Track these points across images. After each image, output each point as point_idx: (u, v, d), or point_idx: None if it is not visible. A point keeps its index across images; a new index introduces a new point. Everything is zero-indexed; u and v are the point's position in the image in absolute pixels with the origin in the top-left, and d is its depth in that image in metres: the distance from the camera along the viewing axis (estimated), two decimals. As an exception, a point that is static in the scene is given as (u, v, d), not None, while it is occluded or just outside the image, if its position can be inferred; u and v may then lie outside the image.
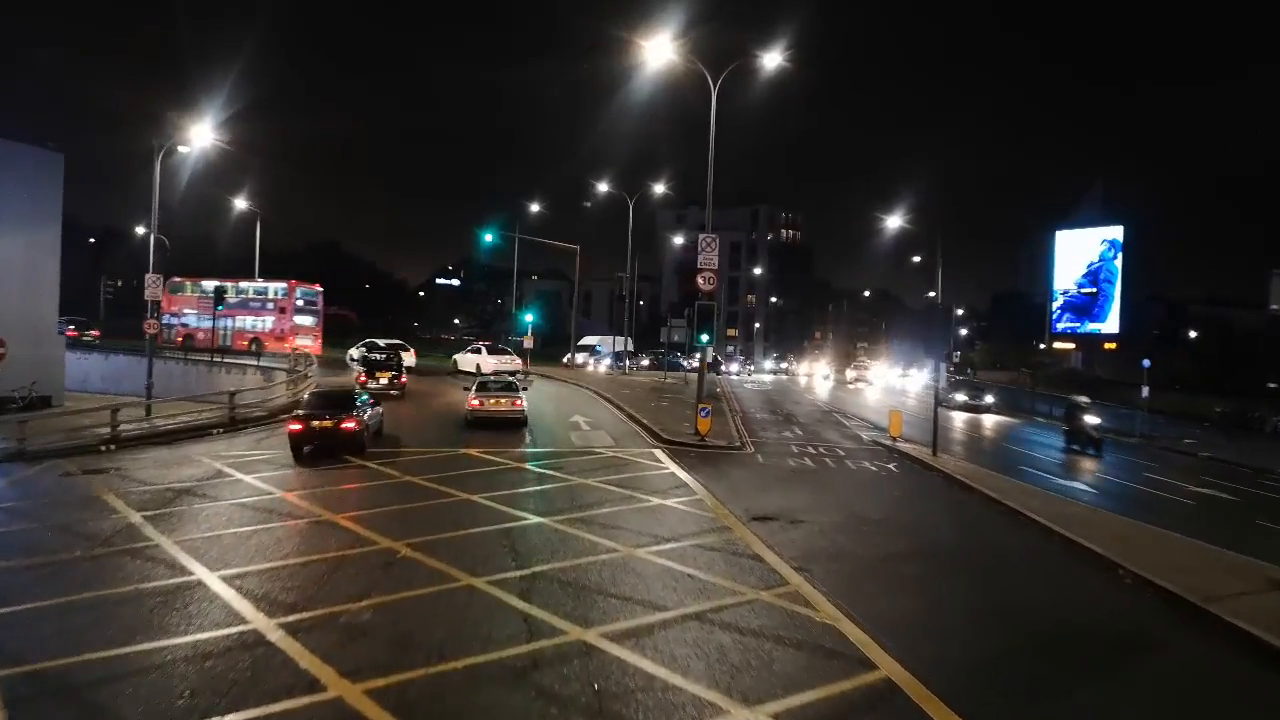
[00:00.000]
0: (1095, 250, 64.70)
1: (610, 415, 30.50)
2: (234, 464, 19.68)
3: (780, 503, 16.79)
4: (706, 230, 24.46)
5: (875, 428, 31.96)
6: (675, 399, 36.81)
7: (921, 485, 20.11)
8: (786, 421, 32.14)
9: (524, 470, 19.30)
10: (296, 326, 48.03)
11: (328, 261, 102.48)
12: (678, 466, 19.88)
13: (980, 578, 12.74)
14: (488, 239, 51.60)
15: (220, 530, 13.77)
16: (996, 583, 12.45)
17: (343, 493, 16.76)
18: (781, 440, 26.24)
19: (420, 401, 35.02)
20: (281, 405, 29.47)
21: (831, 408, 40.16)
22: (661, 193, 51.06)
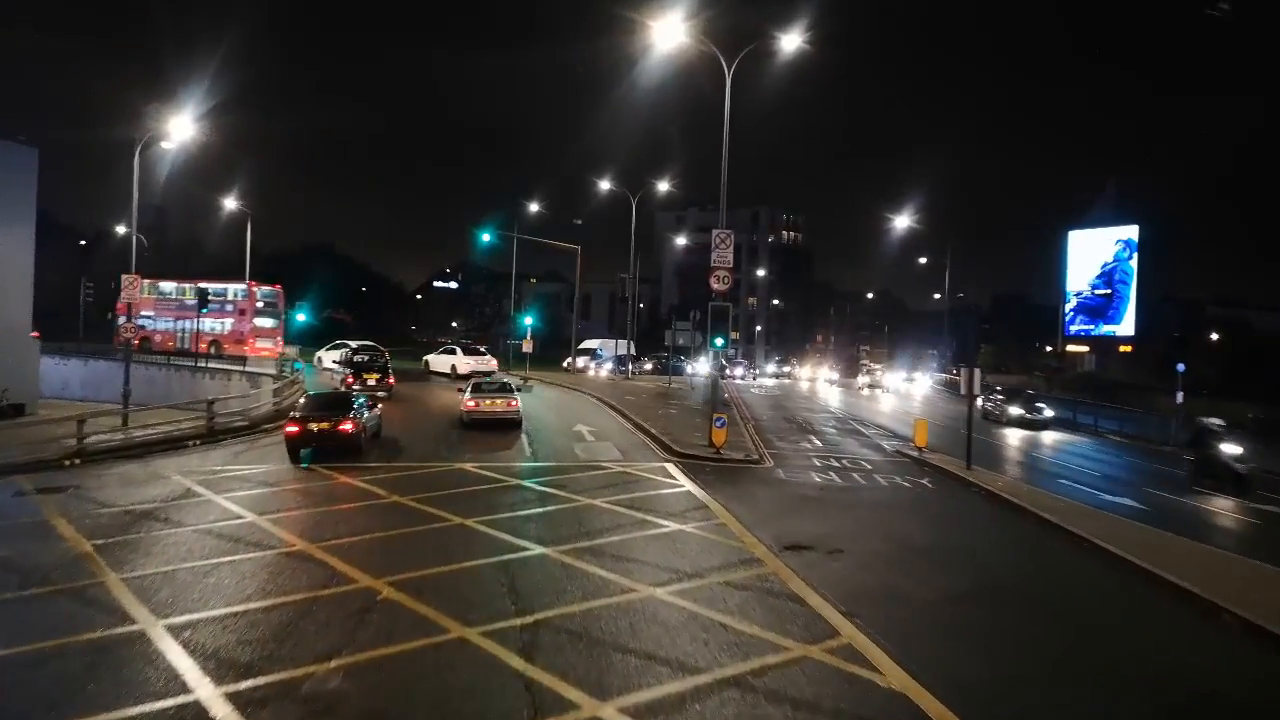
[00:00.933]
0: (1109, 250, 62.98)
1: (616, 424, 28.71)
2: (206, 481, 17.92)
3: (813, 527, 15.01)
4: (720, 225, 22.71)
5: (895, 436, 30.19)
6: (682, 406, 35.04)
7: (963, 505, 18.29)
8: (802, 430, 30.36)
9: (524, 489, 17.50)
10: (257, 329, 46.61)
11: (323, 263, 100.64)
12: (693, 484, 18.08)
13: (1064, 624, 10.89)
14: (485, 239, 49.89)
15: (177, 564, 11.98)
16: (1087, 631, 10.59)
17: (322, 516, 14.96)
18: (800, 452, 24.46)
19: (408, 403, 33.39)
20: (265, 414, 27.69)
21: (846, 414, 38.38)
22: (665, 191, 49.48)
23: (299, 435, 20.18)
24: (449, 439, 24.82)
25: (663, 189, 49.25)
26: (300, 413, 21.05)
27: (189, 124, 30.22)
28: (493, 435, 25.21)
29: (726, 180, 22.67)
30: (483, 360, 47.87)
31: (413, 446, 23.58)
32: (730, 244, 22.39)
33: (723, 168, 22.68)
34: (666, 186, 49.14)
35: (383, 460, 20.70)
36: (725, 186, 22.71)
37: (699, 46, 22.18)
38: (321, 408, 21.39)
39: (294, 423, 20.46)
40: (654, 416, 29.80)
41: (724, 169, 22.62)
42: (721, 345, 22.31)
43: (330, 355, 45.30)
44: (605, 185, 49.76)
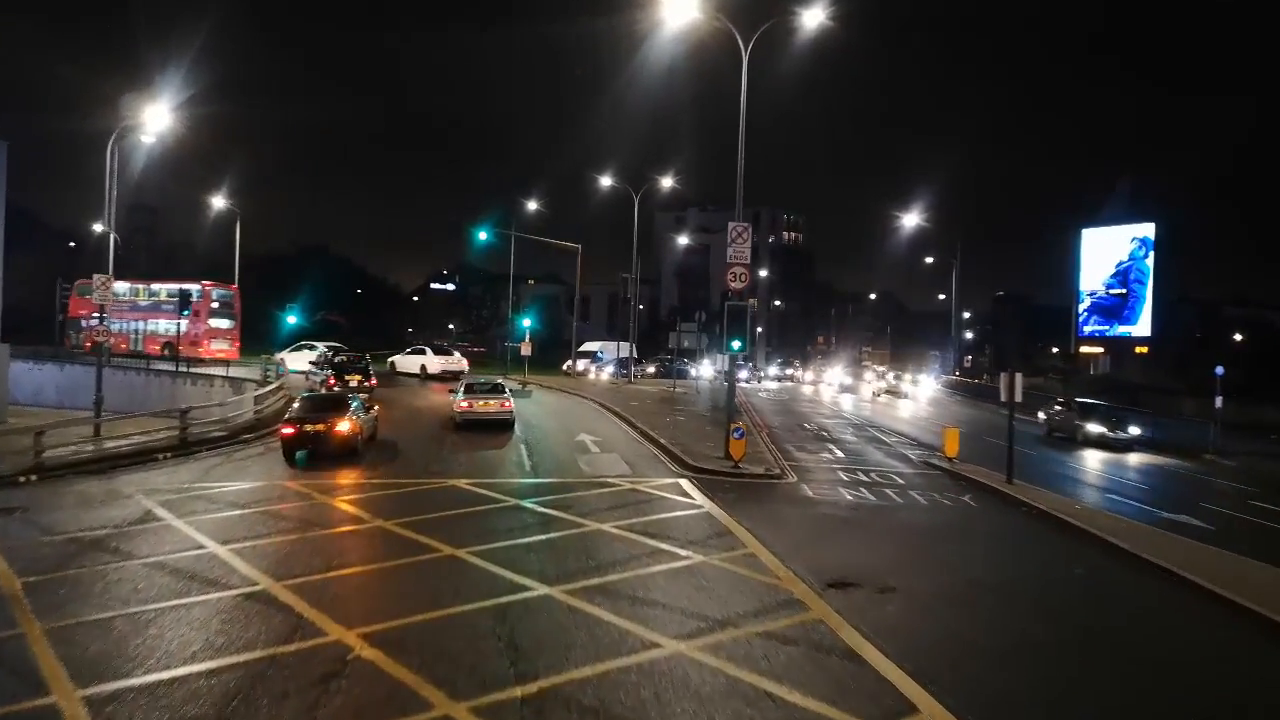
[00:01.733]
0: (1125, 249, 61.21)
1: (621, 433, 26.84)
2: (170, 502, 16.09)
3: (854, 557, 13.18)
4: (737, 216, 20.88)
5: (919, 445, 28.38)
6: (691, 413, 33.18)
7: (1015, 527, 16.38)
8: (819, 439, 28.51)
9: (523, 510, 15.63)
10: (212, 330, 45.03)
11: (317, 265, 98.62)
12: (712, 503, 16.22)
13: (1189, 689, 9.07)
14: (482, 237, 47.92)
15: (116, 609, 10.15)
16: (1220, 699, 8.79)
17: (294, 546, 13.09)
18: (823, 464, 22.61)
19: (390, 407, 31.46)
20: (245, 423, 25.81)
21: (862, 421, 36.52)
22: (668, 188, 47.41)
23: (295, 437, 20.01)
24: (441, 446, 23.03)
25: (666, 185, 47.34)
26: (296, 414, 20.75)
27: (165, 114, 28.30)
28: (488, 445, 23.40)
29: (743, 168, 20.85)
30: (453, 361, 47.51)
31: (404, 454, 21.79)
32: (748, 238, 20.57)
33: (739, 154, 20.87)
34: (670, 183, 47.25)
35: (369, 476, 18.86)
36: (742, 175, 20.89)
37: (713, 23, 20.35)
38: (318, 409, 21.10)
39: (290, 424, 20.21)
40: (661, 424, 27.95)
41: (740, 156, 20.81)
42: (739, 348, 20.46)
43: (295, 357, 43.42)
44: (606, 182, 47.90)
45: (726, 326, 20.24)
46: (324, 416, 20.48)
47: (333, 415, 20.54)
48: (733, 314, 20.39)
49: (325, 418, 20.39)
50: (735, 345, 20.34)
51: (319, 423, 20.23)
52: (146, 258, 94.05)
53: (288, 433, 20.19)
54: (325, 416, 20.48)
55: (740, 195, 20.92)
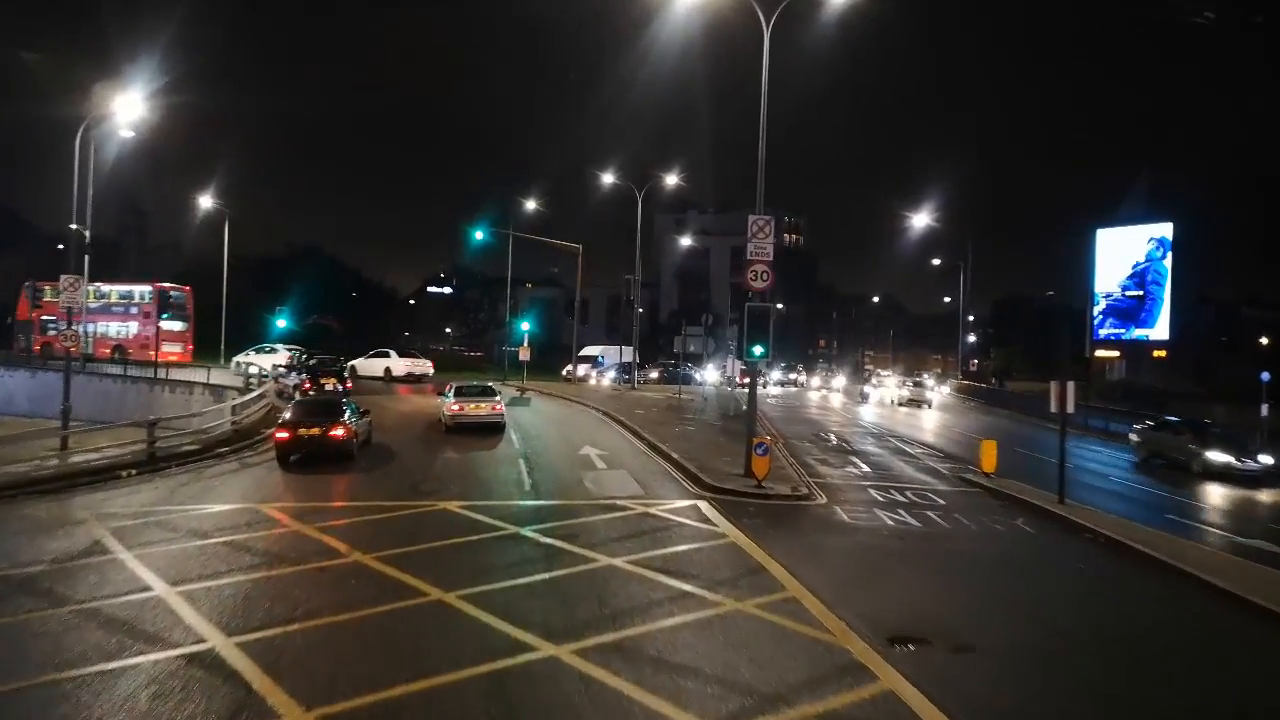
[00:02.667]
0: (1142, 249, 59.29)
1: (628, 445, 24.88)
2: (123, 529, 14.18)
3: (915, 601, 11.25)
4: (758, 207, 18.98)
5: (946, 457, 26.49)
6: (700, 422, 31.21)
7: (1085, 559, 14.26)
8: (840, 451, 26.57)
9: (523, 540, 13.69)
10: (163, 333, 43.19)
11: (310, 267, 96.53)
12: (739, 531, 14.26)
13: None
14: (478, 237, 46.00)
15: (23, 679, 8.22)
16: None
17: (254, 587, 11.15)
18: (851, 481, 20.66)
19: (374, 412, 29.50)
20: (221, 436, 23.84)
21: (880, 430, 34.56)
22: (673, 185, 45.48)
23: (290, 441, 19.88)
24: (432, 457, 21.15)
25: (671, 183, 45.40)
26: (291, 419, 20.55)
27: (138, 103, 26.40)
28: (485, 458, 21.49)
29: (764, 156, 18.95)
30: (418, 364, 47.61)
31: (393, 468, 19.87)
32: (770, 233, 18.66)
33: (760, 140, 18.98)
34: (674, 181, 45.30)
35: (351, 497, 16.94)
36: (763, 162, 18.97)
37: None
38: (312, 413, 20.94)
39: (284, 428, 20.06)
40: (671, 436, 26.00)
41: (761, 142, 18.92)
42: (760, 355, 18.53)
43: (255, 360, 41.53)
44: (609, 179, 45.96)
45: (747, 330, 18.32)
46: (319, 420, 20.31)
47: (327, 419, 20.36)
48: (754, 316, 18.47)
49: (320, 422, 20.22)
50: (757, 351, 18.40)
51: (314, 427, 20.06)
52: (137, 259, 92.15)
53: (282, 437, 19.98)
54: (320, 420, 20.30)
55: (761, 184, 19.04)
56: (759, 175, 18.93)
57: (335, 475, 19.44)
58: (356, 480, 18.92)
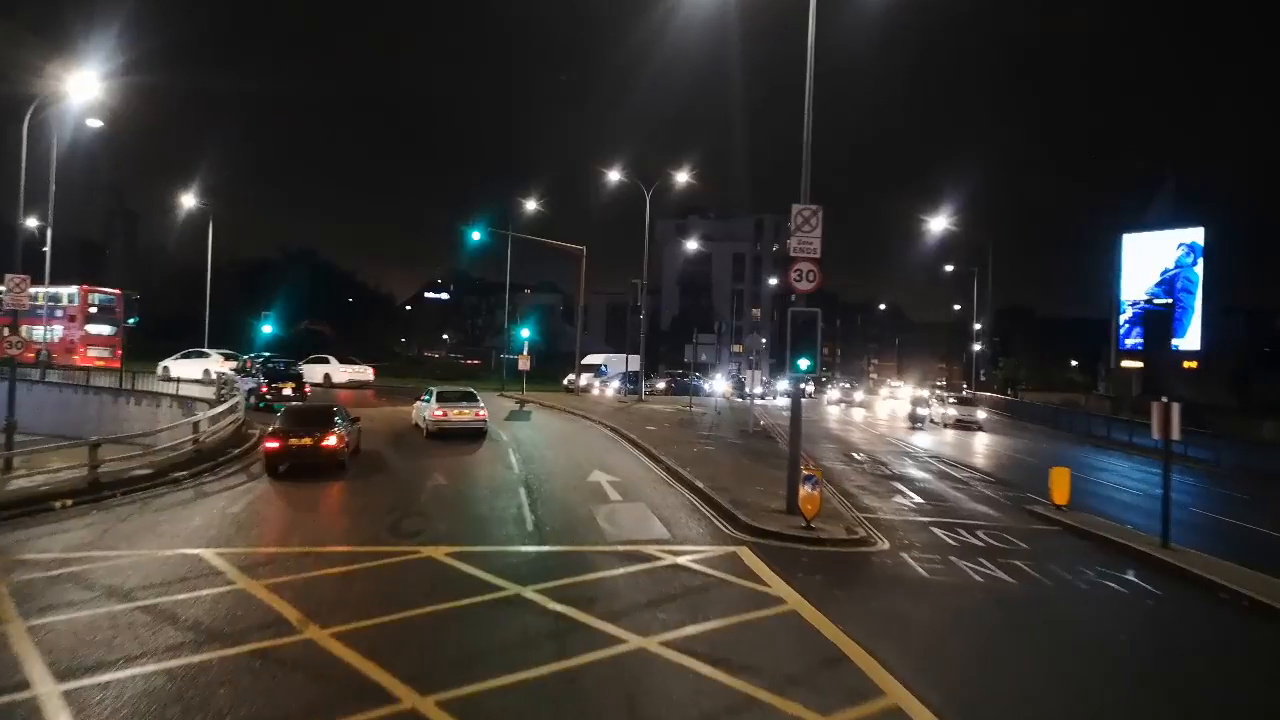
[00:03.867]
0: (1171, 255, 56.63)
1: (643, 470, 21.93)
2: (29, 586, 11.36)
3: (1059, 713, 8.35)
4: (803, 195, 16.07)
5: (998, 482, 23.67)
6: (720, 441, 28.24)
7: (1235, 634, 11.46)
8: (880, 476, 23.64)
9: (526, 607, 10.75)
10: (90, 337, 40.69)
11: (303, 271, 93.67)
12: (796, 593, 11.29)
13: None
14: (475, 237, 43.08)
15: None
16: None
17: (167, 683, 8.24)
18: (905, 515, 17.74)
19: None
20: (179, 458, 20.89)
21: (914, 448, 31.67)
22: (684, 182, 42.58)
23: (280, 452, 19.36)
24: (417, 486, 18.12)
25: (681, 180, 42.50)
26: (281, 426, 19.97)
27: (93, 83, 23.51)
28: (478, 485, 18.58)
29: (810, 136, 16.05)
30: (358, 370, 47.29)
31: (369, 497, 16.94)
32: (817, 224, 15.78)
33: (805, 124, 16.11)
34: (685, 178, 42.42)
35: (315, 539, 13.99)
36: (809, 137, 16.03)
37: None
38: (303, 422, 20.33)
39: (274, 438, 19.52)
40: (690, 458, 23.08)
41: (807, 123, 16.04)
42: (807, 369, 15.63)
43: (183, 366, 38.64)
44: (615, 176, 43.08)
45: (791, 340, 15.42)
46: (310, 430, 19.68)
47: (319, 429, 19.77)
48: (799, 323, 15.57)
49: (312, 431, 19.62)
50: (804, 364, 15.48)
51: (304, 437, 19.47)
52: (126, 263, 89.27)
53: (272, 446, 19.43)
54: (312, 430, 19.68)
55: (808, 157, 16.13)
56: (804, 149, 16.05)
57: (303, 509, 16.56)
58: (327, 513, 16.03)
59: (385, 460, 22.90)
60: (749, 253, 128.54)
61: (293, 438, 19.51)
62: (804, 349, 15.46)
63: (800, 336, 15.49)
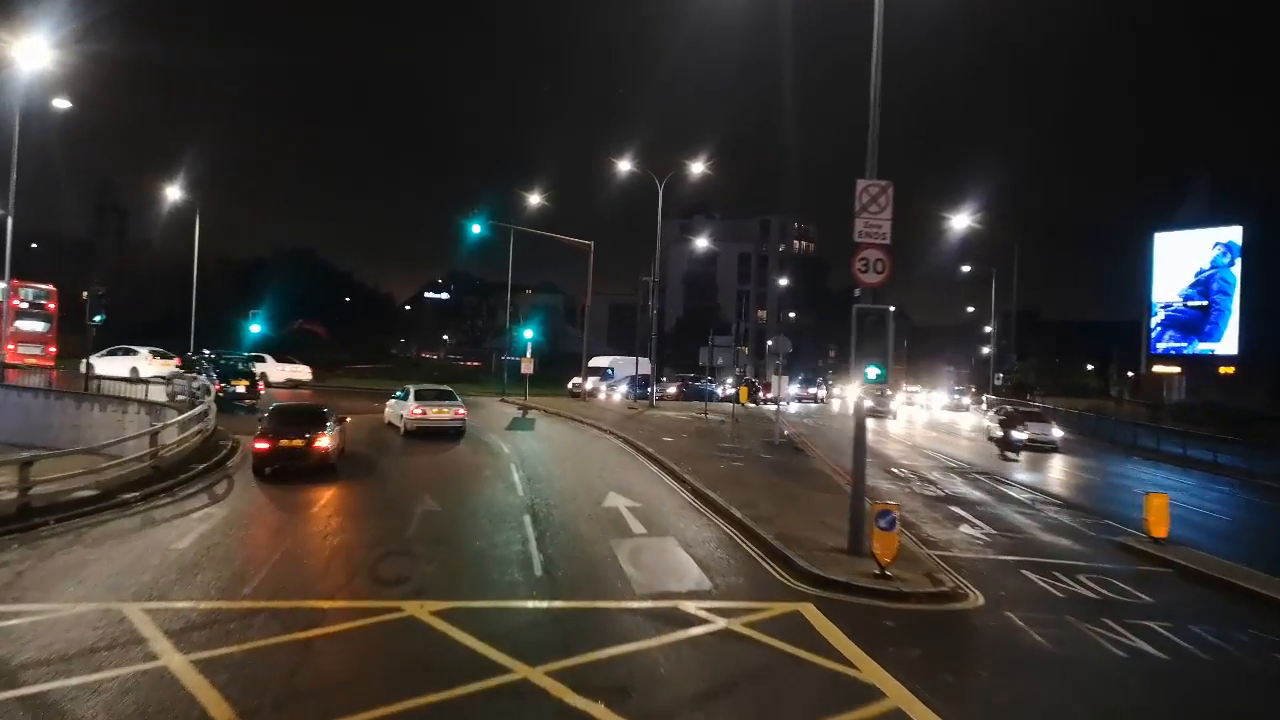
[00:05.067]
0: (1206, 255, 53.85)
1: (667, 492, 19.06)
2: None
3: None
4: (869, 169, 13.32)
5: (1064, 504, 20.95)
6: (748, 455, 25.30)
7: None
8: (932, 497, 20.81)
9: (538, 704, 7.95)
10: (20, 333, 37.97)
11: (299, 270, 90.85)
12: (899, 683, 8.46)
13: None
14: (475, 230, 40.34)
15: None
16: None
17: None
18: (982, 553, 14.94)
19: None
20: (129, 477, 18.10)
21: (956, 462, 28.85)
22: (699, 174, 39.81)
23: (270, 453, 18.89)
24: (402, 509, 15.32)
25: (697, 171, 39.71)
26: (270, 426, 19.45)
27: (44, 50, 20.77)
28: (476, 512, 15.82)
29: (877, 95, 13.30)
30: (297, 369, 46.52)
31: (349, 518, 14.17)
32: (887, 203, 13.03)
33: (872, 88, 13.37)
34: (701, 169, 39.63)
35: (274, 589, 11.21)
36: (878, 93, 13.30)
37: None
38: (293, 422, 19.89)
39: (264, 438, 19.00)
40: (718, 477, 20.25)
41: (876, 59, 13.28)
42: (879, 377, 12.86)
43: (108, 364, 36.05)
44: (626, 167, 40.24)
45: (856, 342, 12.65)
46: (300, 431, 19.21)
47: (310, 430, 19.28)
48: (866, 323, 12.80)
49: (302, 432, 19.15)
50: (872, 372, 12.72)
51: (295, 438, 18.97)
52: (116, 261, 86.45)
53: (261, 447, 18.87)
54: (302, 431, 19.21)
55: (875, 129, 13.37)
56: (871, 109, 13.29)
57: (266, 543, 13.79)
58: (295, 550, 13.24)
59: (369, 471, 20.21)
60: (755, 253, 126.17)
61: (283, 438, 18.94)
62: (872, 353, 12.70)
63: (867, 338, 12.73)
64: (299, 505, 16.49)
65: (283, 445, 18.92)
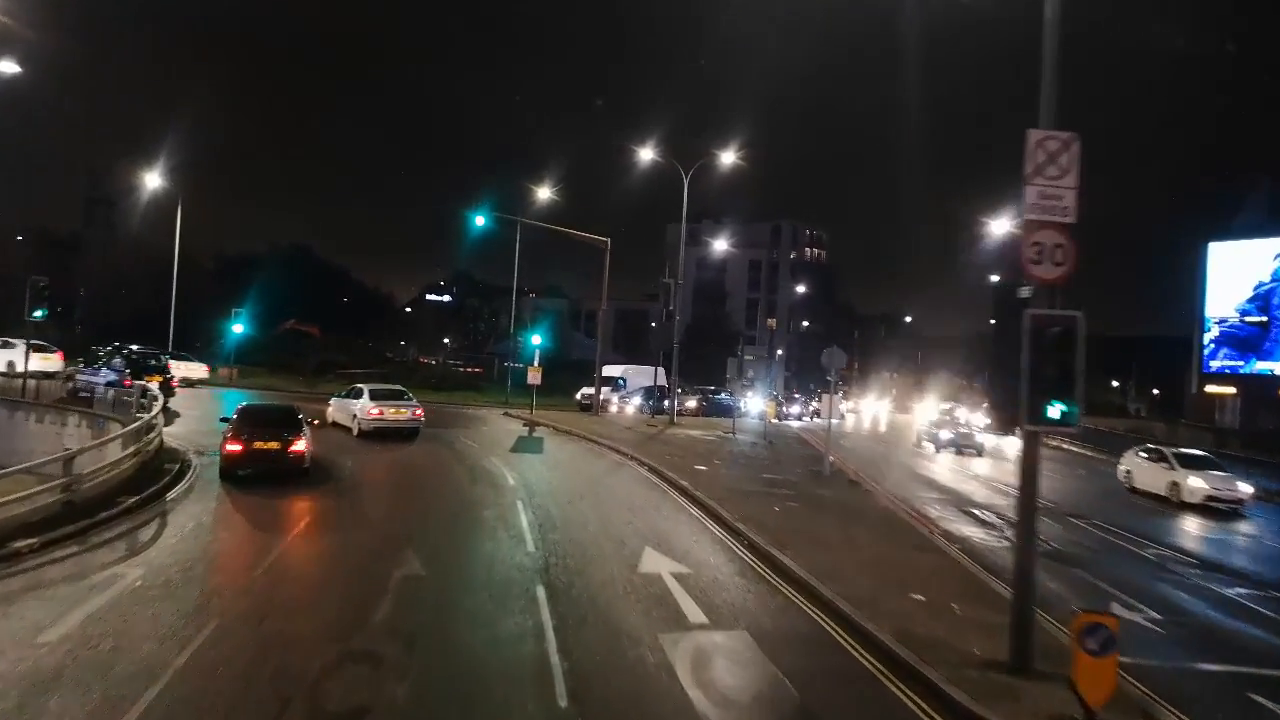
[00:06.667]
0: (1266, 267, 49.84)
1: (716, 547, 14.76)
2: None
3: None
4: (1043, 117, 9.33)
5: (1208, 565, 16.90)
6: (796, 490, 20.95)
7: None
8: (1052, 554, 16.73)
9: None
10: None
11: (295, 268, 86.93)
12: None
13: None
14: (479, 222, 36.26)
15: None
16: None
17: None
18: (1166, 655, 10.90)
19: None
20: (35, 515, 14.01)
21: (1060, 506, 24.60)
22: (731, 163, 35.69)
23: (242, 456, 17.85)
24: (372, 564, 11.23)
25: (727, 161, 35.65)
26: (239, 427, 18.40)
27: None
28: (474, 583, 11.77)
29: (1058, 9, 9.32)
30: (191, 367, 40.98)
31: (298, 581, 10.11)
32: (1071, 165, 9.05)
33: (1047, 17, 9.39)
34: (732, 159, 35.54)
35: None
36: (1057, 11, 9.33)
37: None
38: (266, 423, 18.92)
39: (235, 440, 17.91)
40: (774, 523, 16.11)
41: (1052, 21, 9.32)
42: (1067, 415, 8.74)
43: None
44: (648, 155, 36.15)
45: (1032, 363, 8.63)
46: (275, 433, 18.37)
47: (285, 432, 18.46)
48: (1046, 338, 8.75)
49: (278, 435, 18.31)
50: (1054, 411, 8.67)
51: (271, 440, 18.11)
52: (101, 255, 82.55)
53: (234, 450, 17.89)
54: (277, 433, 18.38)
55: (1052, 60, 9.36)
56: (1046, 35, 9.31)
57: (171, 638, 9.70)
58: (205, 655, 9.14)
59: (340, 504, 16.23)
60: (766, 260, 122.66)
61: (257, 440, 17.92)
62: (1055, 381, 8.67)
63: (1047, 359, 8.70)
64: (238, 564, 12.48)
65: (257, 448, 17.85)
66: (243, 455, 17.82)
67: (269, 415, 19.88)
